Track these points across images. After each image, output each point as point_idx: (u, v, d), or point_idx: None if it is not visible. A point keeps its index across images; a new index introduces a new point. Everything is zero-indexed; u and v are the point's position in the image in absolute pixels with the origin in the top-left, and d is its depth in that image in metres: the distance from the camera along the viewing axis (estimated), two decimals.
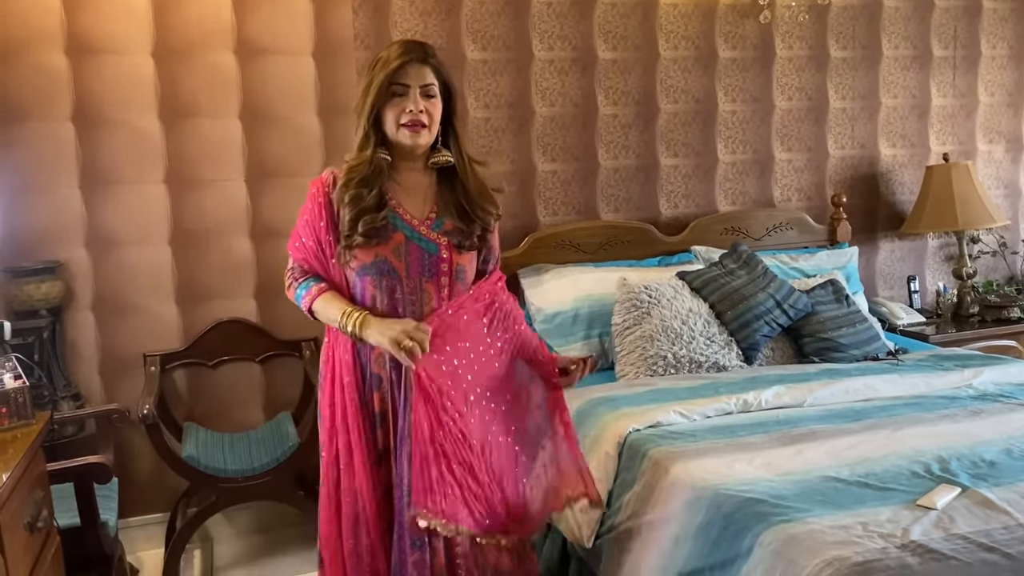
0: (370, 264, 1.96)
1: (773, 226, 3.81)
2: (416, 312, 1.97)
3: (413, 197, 2.04)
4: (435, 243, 2.00)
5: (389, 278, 1.97)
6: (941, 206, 3.84)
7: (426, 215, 2.03)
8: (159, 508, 3.29)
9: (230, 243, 3.32)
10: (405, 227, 1.99)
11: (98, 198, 3.17)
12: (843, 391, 2.70)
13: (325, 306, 2.00)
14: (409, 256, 1.98)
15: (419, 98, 1.96)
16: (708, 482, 2.10)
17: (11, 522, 1.64)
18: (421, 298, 1.98)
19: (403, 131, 1.97)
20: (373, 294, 1.98)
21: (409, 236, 1.99)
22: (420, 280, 1.98)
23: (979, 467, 2.09)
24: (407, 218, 2.00)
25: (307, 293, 2.02)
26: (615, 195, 3.74)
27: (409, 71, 1.96)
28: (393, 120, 1.97)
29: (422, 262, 1.98)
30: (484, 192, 2.08)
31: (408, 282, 1.97)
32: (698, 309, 3.12)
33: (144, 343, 3.25)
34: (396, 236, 1.97)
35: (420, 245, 1.99)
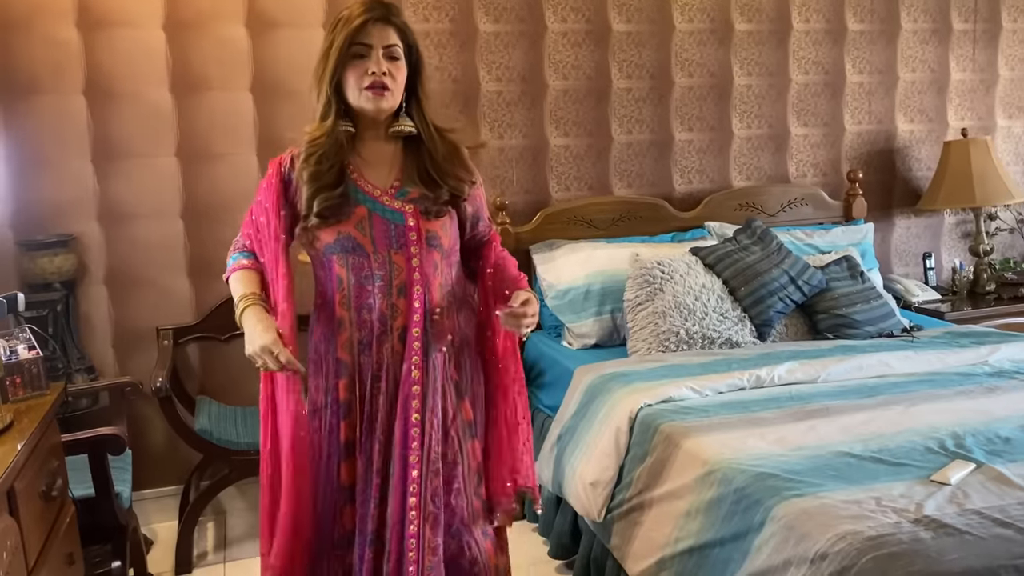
0: (333, 243, 1.84)
1: (788, 202, 3.77)
2: (385, 287, 1.84)
3: (376, 167, 1.90)
4: (400, 212, 1.86)
5: (355, 255, 1.84)
6: (959, 182, 3.79)
7: (390, 184, 1.89)
8: (172, 481, 3.32)
9: (241, 217, 3.31)
10: (366, 199, 1.86)
11: (110, 171, 3.17)
12: (857, 367, 2.68)
13: (234, 283, 1.91)
14: (374, 229, 1.85)
15: (381, 59, 1.82)
16: (720, 457, 2.09)
17: (26, 490, 1.66)
18: (390, 271, 1.85)
19: (365, 94, 1.82)
20: (339, 273, 1.86)
21: (372, 208, 1.85)
22: (388, 253, 1.85)
23: (994, 443, 2.07)
24: (368, 189, 1.87)
25: (233, 265, 1.94)
26: (628, 170, 3.72)
27: (371, 30, 1.82)
28: (355, 83, 1.82)
29: (388, 234, 1.85)
30: (455, 157, 1.93)
31: (376, 256, 1.84)
32: (711, 285, 3.10)
33: (157, 317, 3.26)
34: (358, 210, 1.85)
35: (384, 216, 1.86)
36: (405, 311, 1.85)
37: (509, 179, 3.58)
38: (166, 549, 3.05)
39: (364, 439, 1.86)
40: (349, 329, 1.86)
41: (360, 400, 1.86)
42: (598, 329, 3.24)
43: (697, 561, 2.01)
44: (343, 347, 1.87)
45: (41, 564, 1.68)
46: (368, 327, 1.85)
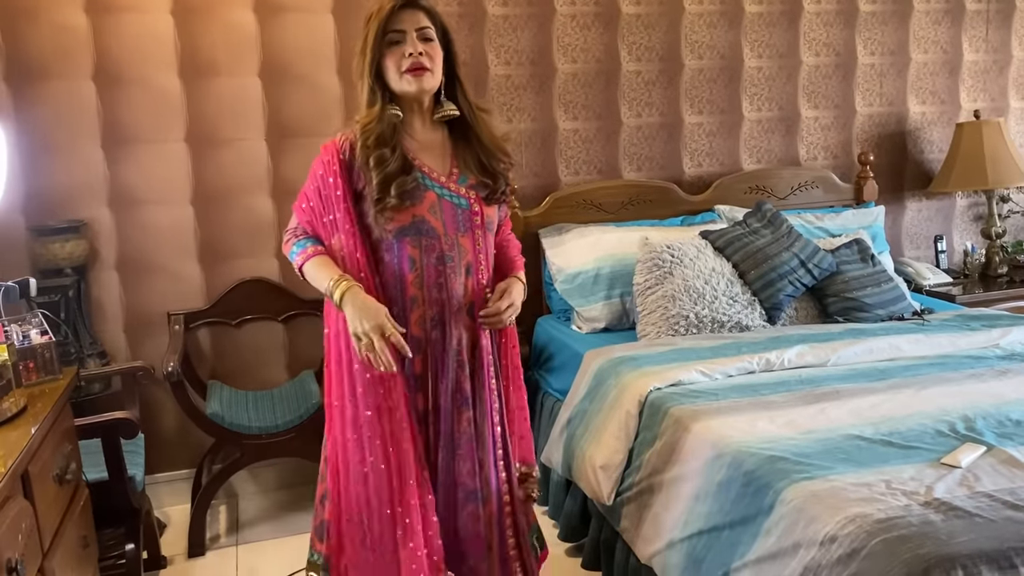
0: (409, 225, 1.91)
1: (798, 185, 3.75)
2: (456, 267, 1.95)
3: (431, 154, 1.99)
4: (465, 198, 1.97)
5: (428, 237, 1.93)
6: (971, 164, 3.76)
7: (449, 171, 1.99)
8: (185, 465, 3.35)
9: (251, 203, 3.33)
10: (435, 185, 1.95)
11: (120, 157, 3.18)
12: (867, 350, 2.68)
13: (315, 268, 1.92)
14: (444, 214, 1.94)
15: (416, 41, 1.90)
16: (730, 440, 2.09)
17: (40, 473, 1.67)
18: (458, 253, 1.96)
19: (406, 78, 1.90)
20: (412, 255, 1.93)
21: (440, 194, 1.95)
22: (456, 236, 1.95)
23: (1005, 426, 2.06)
24: (434, 176, 1.96)
25: (303, 251, 1.94)
26: (638, 154, 3.70)
27: (402, 16, 1.91)
28: (395, 69, 1.90)
29: (456, 218, 1.96)
30: (496, 141, 2.04)
31: (447, 239, 1.94)
32: (721, 268, 3.09)
33: (168, 302, 3.28)
34: (428, 195, 1.93)
35: (452, 201, 1.96)
36: (473, 289, 1.98)
37: (518, 163, 3.57)
38: (179, 532, 3.08)
39: (448, 407, 1.97)
40: (423, 307, 1.95)
41: (434, 373, 1.97)
42: (607, 313, 3.24)
43: (706, 544, 2.01)
44: (416, 324, 1.95)
45: (56, 546, 1.70)
46: (440, 305, 1.95)
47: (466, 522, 2.00)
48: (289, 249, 1.99)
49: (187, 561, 2.94)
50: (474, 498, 2.00)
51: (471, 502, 2.00)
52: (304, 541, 2.96)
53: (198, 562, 2.93)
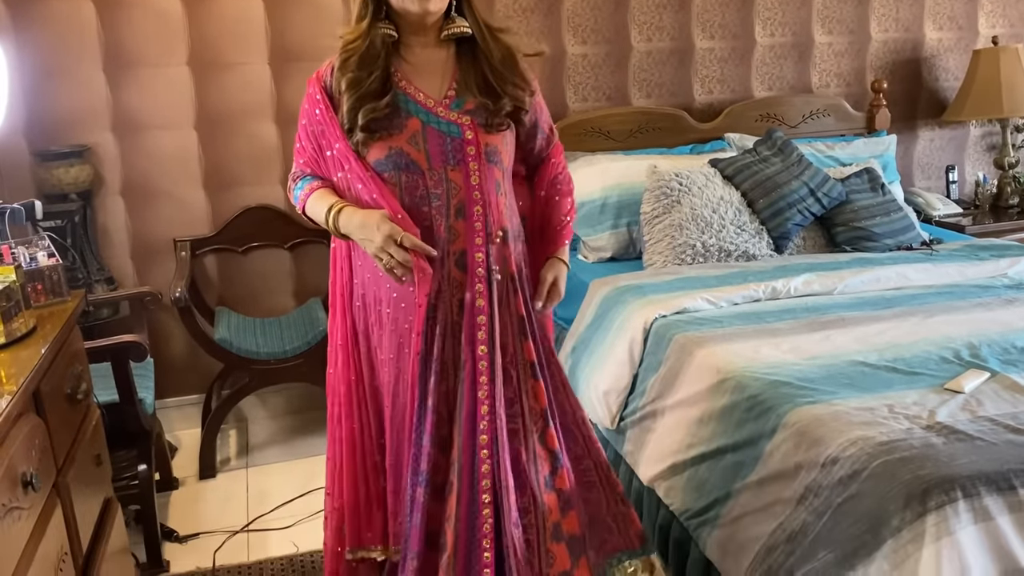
0: (384, 159, 1.68)
1: (810, 113, 3.69)
2: (443, 207, 1.69)
3: (428, 76, 1.73)
4: (456, 124, 1.70)
5: (408, 172, 1.68)
6: (987, 92, 3.69)
7: (444, 94, 1.72)
8: (194, 390, 3.39)
9: (255, 128, 3.29)
10: (420, 110, 1.69)
11: (122, 81, 3.14)
12: (874, 279, 2.67)
13: (314, 204, 1.73)
14: (428, 144, 1.68)
15: None
16: (734, 365, 2.10)
17: (52, 392, 1.69)
18: (447, 190, 1.69)
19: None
20: (393, 192, 1.69)
21: (426, 120, 1.69)
22: (444, 170, 1.69)
23: (1010, 353, 2.07)
24: (420, 99, 1.70)
25: (302, 192, 1.76)
26: (648, 80, 3.64)
27: None
28: None
29: (444, 149, 1.69)
30: (511, 63, 1.75)
31: (432, 174, 1.68)
32: (729, 197, 3.07)
33: (174, 228, 3.27)
34: (411, 123, 1.68)
35: (440, 129, 1.69)
36: (464, 234, 1.69)
37: None
38: (190, 455, 3.14)
39: (425, 373, 1.71)
40: None
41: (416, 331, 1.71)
42: (614, 243, 3.23)
43: (709, 466, 2.04)
44: None
45: (69, 464, 1.73)
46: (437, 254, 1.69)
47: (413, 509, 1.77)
48: (292, 196, 1.81)
49: (198, 483, 3.00)
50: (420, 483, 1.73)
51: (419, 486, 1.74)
52: (313, 464, 3.03)
53: (209, 483, 3.00)
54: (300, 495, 2.81)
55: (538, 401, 1.77)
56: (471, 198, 1.70)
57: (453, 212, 1.70)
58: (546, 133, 1.90)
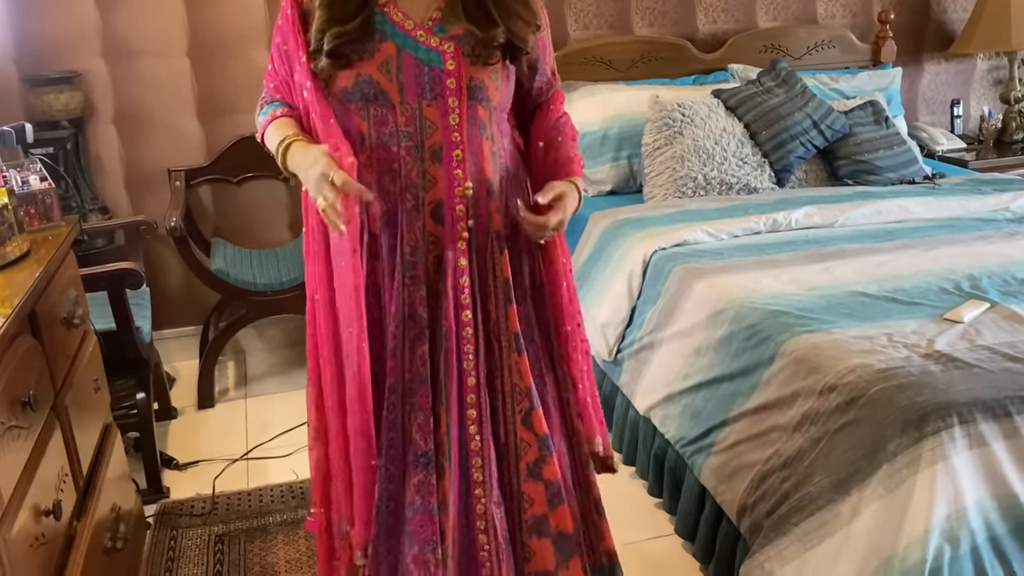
0: (351, 87, 1.45)
1: (814, 44, 3.62)
2: (415, 148, 1.45)
3: None
4: (437, 51, 1.45)
5: (377, 104, 1.45)
6: (996, 23, 3.61)
7: (428, 16, 1.47)
8: (191, 321, 3.38)
9: (250, 54, 3.22)
10: (396, 33, 1.44)
11: (111, 5, 3.05)
12: (876, 212, 2.65)
13: (271, 134, 1.51)
14: (402, 73, 1.44)
15: None
16: (733, 296, 2.10)
17: (48, 315, 1.68)
18: (421, 128, 1.45)
19: None
20: (360, 127, 1.46)
21: (401, 45, 1.44)
22: (419, 104, 1.45)
23: (1010, 285, 2.06)
24: (398, 20, 1.45)
25: (263, 120, 1.54)
26: (651, 8, 3.55)
27: None
28: None
29: (420, 79, 1.44)
30: None
31: (403, 108, 1.44)
32: (732, 129, 3.03)
33: (168, 158, 3.23)
34: (384, 47, 1.44)
35: (417, 56, 1.44)
36: (441, 181, 1.46)
37: None
38: (188, 386, 3.15)
39: (399, 337, 1.49)
40: (375, 199, 1.47)
41: (388, 287, 1.51)
42: (614, 175, 3.19)
43: (705, 395, 2.05)
44: (373, 219, 1.50)
45: (67, 387, 1.73)
46: (392, 198, 1.47)
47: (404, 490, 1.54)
48: (256, 122, 1.58)
49: (197, 412, 3.02)
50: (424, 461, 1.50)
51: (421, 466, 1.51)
52: None
53: (208, 413, 3.01)
54: (299, 425, 2.82)
55: (522, 379, 1.53)
56: (449, 140, 1.46)
57: (428, 155, 1.46)
58: (548, 76, 1.63)
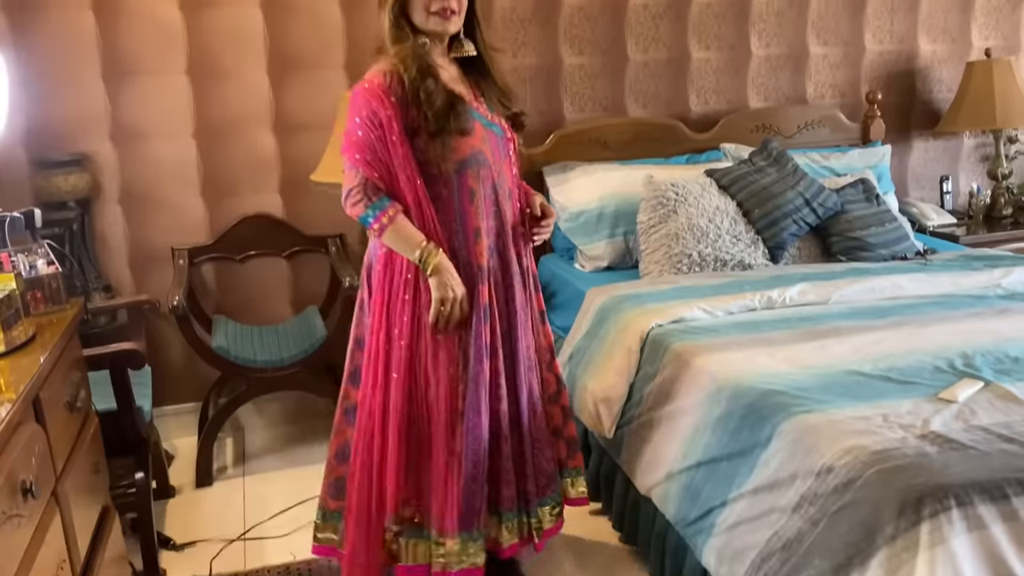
0: (469, 157, 1.97)
1: (805, 123, 3.72)
2: (504, 194, 2.06)
3: (457, 86, 2.01)
4: (499, 125, 2.06)
5: (484, 168, 2.00)
6: (980, 103, 3.72)
7: (475, 99, 2.04)
8: (191, 398, 3.39)
9: (254, 136, 3.31)
10: (477, 115, 2.01)
11: (121, 89, 3.15)
12: (869, 289, 2.69)
13: (399, 232, 1.94)
14: (490, 143, 2.02)
15: None
16: (730, 374, 2.12)
17: (51, 399, 1.70)
18: (503, 180, 2.05)
19: (433, 19, 1.94)
20: (472, 187, 1.99)
21: (484, 124, 2.02)
22: (501, 164, 2.04)
23: (1003, 363, 2.08)
24: (474, 106, 2.01)
25: (383, 213, 1.93)
26: (644, 90, 3.66)
27: None
28: (422, 8, 1.94)
29: (498, 146, 2.04)
30: (506, 79, 2.13)
31: (495, 168, 2.02)
32: (725, 207, 3.09)
33: (172, 236, 3.28)
34: (476, 125, 1.99)
35: (492, 131, 2.03)
36: (513, 212, 2.11)
37: (522, 99, 3.52)
38: (187, 463, 3.14)
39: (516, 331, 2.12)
40: (486, 237, 2.03)
41: (500, 299, 2.09)
42: (611, 252, 3.24)
43: (704, 475, 2.05)
44: (482, 254, 2.03)
45: (68, 471, 1.73)
46: (497, 233, 2.06)
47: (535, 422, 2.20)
48: (361, 211, 1.95)
49: (195, 491, 3.00)
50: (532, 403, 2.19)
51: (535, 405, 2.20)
52: (310, 472, 3.03)
53: (206, 492, 3.00)
54: (297, 503, 2.81)
55: (546, 338, 2.28)
56: (513, 183, 2.11)
57: (507, 196, 2.08)
58: None
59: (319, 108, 3.27)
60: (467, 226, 2.00)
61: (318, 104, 3.28)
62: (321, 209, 3.31)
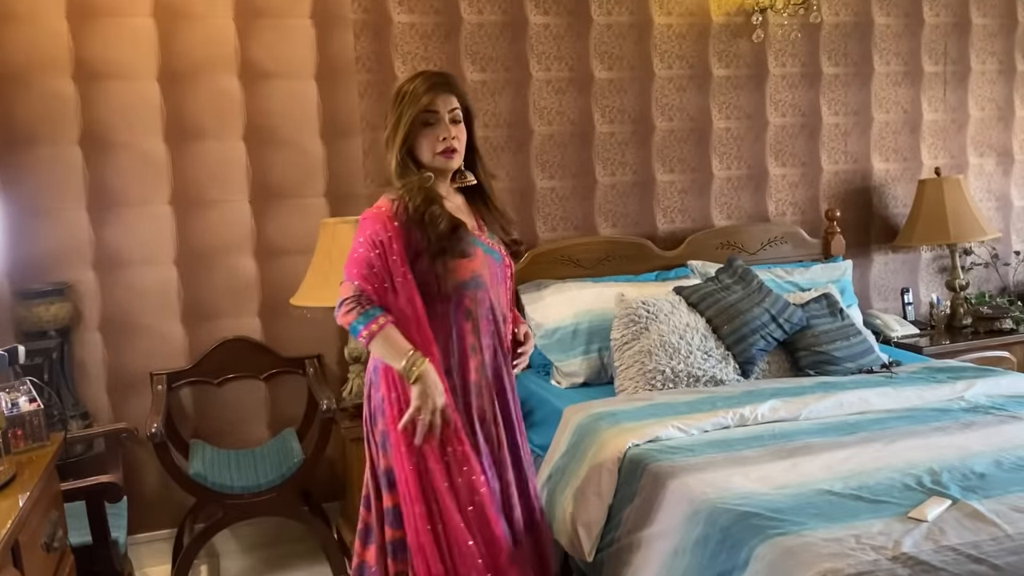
0: (469, 280, 2.12)
1: (768, 240, 3.87)
2: (500, 316, 2.20)
3: (460, 214, 2.18)
4: (498, 251, 2.23)
5: (482, 291, 2.15)
6: (934, 219, 3.90)
7: (476, 227, 2.22)
8: (166, 524, 3.34)
9: (235, 262, 3.38)
10: (478, 241, 2.18)
11: (105, 220, 3.23)
12: (837, 404, 2.75)
13: (387, 339, 2.03)
14: (489, 268, 2.18)
15: (449, 124, 2.12)
16: (706, 496, 2.15)
17: (29, 542, 1.69)
18: (499, 303, 2.20)
19: (438, 158, 2.14)
20: (469, 307, 2.14)
21: (485, 250, 2.18)
22: (498, 288, 2.20)
23: (969, 479, 2.14)
24: (476, 232, 2.19)
25: (373, 322, 2.03)
26: (613, 211, 3.81)
27: (437, 99, 2.12)
28: (428, 148, 2.13)
29: (495, 272, 2.20)
30: (506, 209, 2.33)
31: (492, 291, 2.18)
32: (695, 324, 3.17)
33: (151, 362, 3.30)
34: (478, 250, 2.16)
35: (492, 256, 2.20)
36: (505, 335, 2.25)
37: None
38: None
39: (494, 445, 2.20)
40: (480, 354, 2.16)
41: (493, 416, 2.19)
42: (586, 368, 3.30)
43: None
44: (476, 370, 2.16)
45: None
46: (491, 350, 2.19)
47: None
48: (352, 319, 2.05)
49: None
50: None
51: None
52: None
53: None
54: None
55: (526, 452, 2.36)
56: (506, 308, 2.25)
57: (501, 319, 2.22)
58: None
59: (300, 234, 3.37)
60: (463, 344, 2.14)
61: (299, 230, 3.38)
62: (300, 331, 3.36)
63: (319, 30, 3.39)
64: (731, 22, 3.85)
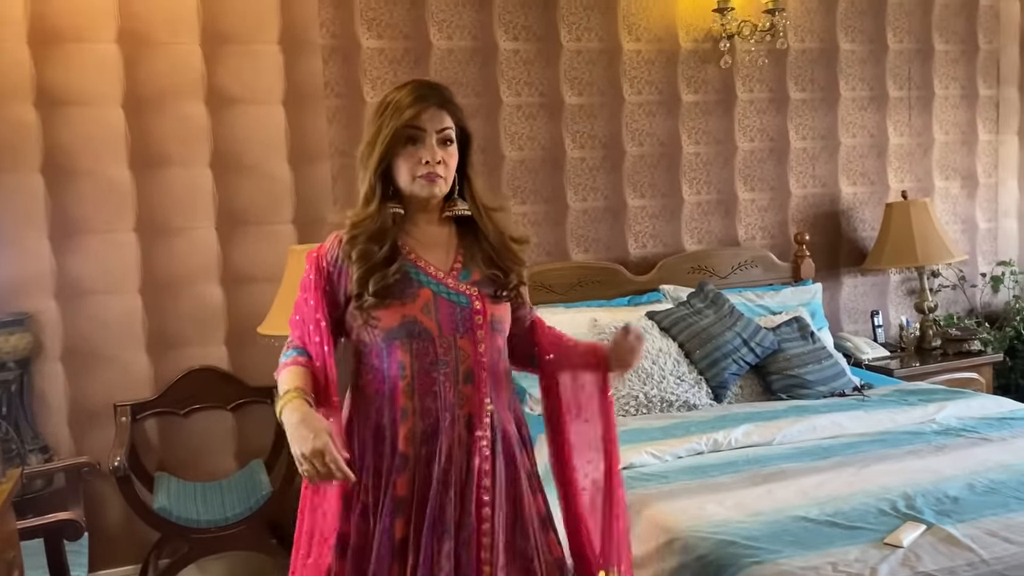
0: (398, 327, 1.75)
1: (738, 264, 3.88)
2: (452, 373, 1.76)
3: (433, 249, 1.83)
4: (465, 295, 1.79)
5: (420, 340, 1.75)
6: (901, 242, 3.94)
7: (451, 267, 1.82)
8: (130, 560, 3.25)
9: (201, 291, 3.32)
10: (431, 282, 1.79)
11: (68, 248, 3.16)
12: (810, 428, 2.76)
13: (282, 379, 1.76)
14: (439, 313, 1.76)
15: (435, 146, 1.76)
16: (681, 524, 2.13)
17: None
18: (456, 357, 1.76)
19: (419, 182, 1.76)
20: (402, 360, 1.75)
21: (436, 291, 1.78)
22: (454, 337, 1.76)
23: (943, 503, 2.14)
24: (431, 271, 1.80)
25: (282, 363, 1.79)
26: (585, 236, 3.80)
27: (423, 116, 1.76)
28: (407, 171, 1.77)
29: (454, 318, 1.77)
30: (505, 240, 1.86)
31: (441, 341, 1.75)
32: (668, 349, 3.17)
33: (114, 393, 3.22)
34: (423, 292, 1.77)
35: (450, 299, 1.78)
36: (471, 399, 1.76)
37: None
38: None
39: (427, 537, 1.71)
40: (413, 419, 1.75)
41: (421, 495, 1.74)
42: None
43: None
44: (405, 439, 1.75)
45: None
46: (433, 416, 1.75)
47: None
48: (280, 358, 1.82)
49: None
50: None
51: None
52: None
53: None
54: None
55: (552, 553, 1.85)
56: (479, 364, 1.77)
57: (462, 378, 1.77)
58: (528, 302, 2.03)
59: (268, 261, 3.32)
60: (395, 404, 1.76)
61: (267, 258, 3.33)
62: (267, 360, 3.25)
63: (287, 55, 3.36)
64: (699, 48, 3.89)
